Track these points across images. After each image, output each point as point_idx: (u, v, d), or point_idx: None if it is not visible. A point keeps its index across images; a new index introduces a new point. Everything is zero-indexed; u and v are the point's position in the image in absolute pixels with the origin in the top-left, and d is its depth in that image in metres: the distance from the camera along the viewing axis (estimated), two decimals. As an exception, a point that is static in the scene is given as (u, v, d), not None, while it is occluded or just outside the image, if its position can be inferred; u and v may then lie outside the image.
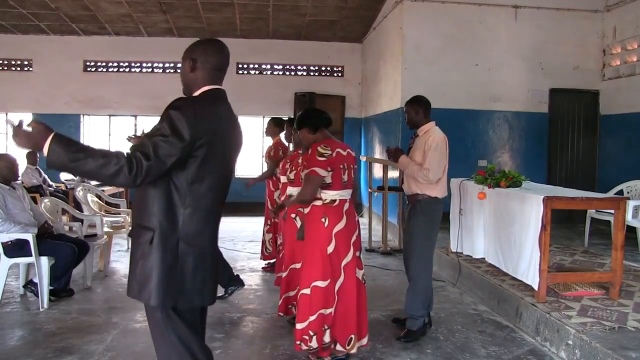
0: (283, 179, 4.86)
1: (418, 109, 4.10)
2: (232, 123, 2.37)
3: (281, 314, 4.32)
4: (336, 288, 3.43)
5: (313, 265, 3.41)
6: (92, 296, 5.20)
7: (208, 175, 2.26)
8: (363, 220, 9.33)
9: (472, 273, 5.41)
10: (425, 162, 3.94)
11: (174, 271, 2.21)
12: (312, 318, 3.40)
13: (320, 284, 3.39)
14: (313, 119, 3.58)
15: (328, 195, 3.46)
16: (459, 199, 5.41)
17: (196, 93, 2.35)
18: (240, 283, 5.16)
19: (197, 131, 2.16)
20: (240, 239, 8.40)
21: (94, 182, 7.78)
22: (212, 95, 2.33)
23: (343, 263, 3.45)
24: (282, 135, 6.13)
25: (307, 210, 3.52)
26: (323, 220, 3.43)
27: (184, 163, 2.19)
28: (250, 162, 11.66)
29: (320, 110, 3.67)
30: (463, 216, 5.42)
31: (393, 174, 8.32)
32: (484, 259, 5.38)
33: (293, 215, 4.17)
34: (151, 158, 2.08)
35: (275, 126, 6.12)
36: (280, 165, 5.06)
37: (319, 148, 3.42)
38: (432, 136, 3.99)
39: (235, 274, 5.22)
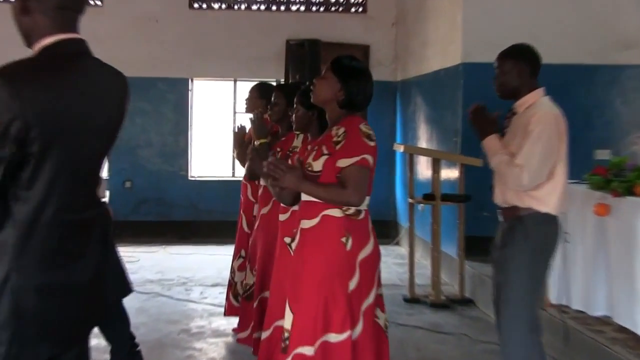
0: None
1: (521, 67, 4.24)
2: (96, 93, 2.57)
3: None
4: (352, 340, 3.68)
5: (321, 311, 3.62)
6: None
7: (51, 182, 2.47)
8: (397, 250, 9.86)
9: (588, 342, 5.44)
10: (519, 155, 4.07)
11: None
12: None
13: (335, 338, 3.62)
14: (358, 82, 3.82)
15: None
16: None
17: (35, 48, 2.50)
18: None
19: (18, 118, 2.32)
20: (197, 281, 8.71)
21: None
22: (57, 54, 2.47)
23: (364, 306, 3.68)
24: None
25: (310, 223, 3.75)
26: (344, 240, 3.65)
27: (17, 167, 2.41)
28: (212, 157, 12.57)
29: (355, 58, 3.94)
30: (569, 245, 5.63)
31: (449, 172, 8.32)
32: (608, 317, 5.57)
33: (287, 240, 4.35)
34: None
35: (259, 97, 6.35)
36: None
37: (362, 127, 3.69)
38: (538, 114, 4.13)
39: (137, 348, 5.09)
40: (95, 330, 4.54)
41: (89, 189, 2.70)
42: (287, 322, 3.79)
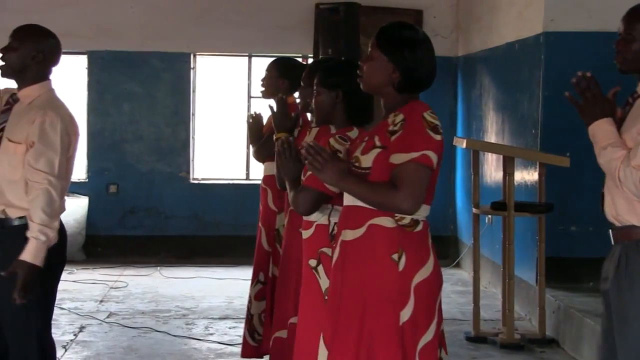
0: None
1: None
2: None
3: None
4: None
5: (365, 348, 3.68)
6: None
7: None
8: (458, 274, 9.47)
9: None
10: (637, 151, 3.97)
11: None
12: None
13: None
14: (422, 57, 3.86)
15: None
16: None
17: None
18: None
19: None
20: (201, 313, 8.69)
21: None
22: None
23: (421, 343, 3.70)
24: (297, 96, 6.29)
25: (354, 234, 3.80)
26: (395, 258, 3.68)
27: None
28: (219, 154, 12.32)
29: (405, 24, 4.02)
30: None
31: (526, 175, 8.25)
32: None
33: (313, 263, 4.39)
34: None
35: (282, 76, 6.35)
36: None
37: (427, 116, 3.74)
38: None
39: None
40: None
41: None
42: None
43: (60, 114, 4.44)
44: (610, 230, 4.22)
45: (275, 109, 5.57)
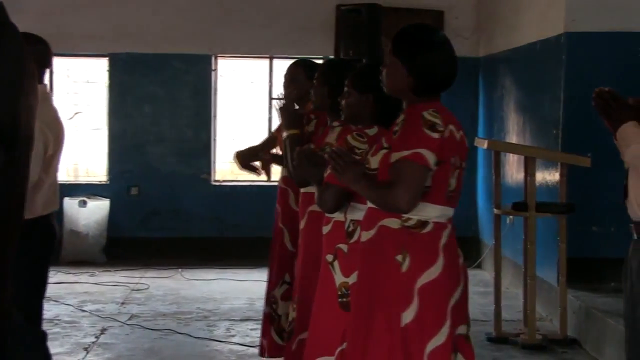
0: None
1: None
2: None
3: None
4: None
5: (360, 348, 3.74)
6: None
7: None
8: (479, 275, 10.02)
9: None
10: None
11: None
12: None
13: None
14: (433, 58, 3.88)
15: (416, 211, 3.74)
16: None
17: None
18: None
19: None
20: (222, 314, 8.72)
21: None
22: None
23: (429, 347, 3.68)
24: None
25: (367, 235, 3.86)
26: (399, 258, 3.71)
27: None
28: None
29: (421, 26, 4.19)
30: None
31: (548, 175, 8.27)
32: None
33: (330, 258, 4.44)
34: None
35: (307, 78, 6.27)
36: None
37: (426, 114, 3.73)
38: None
39: None
40: None
41: None
42: None
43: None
44: (631, 225, 4.30)
45: (282, 107, 5.62)
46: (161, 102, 11.40)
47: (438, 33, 4.01)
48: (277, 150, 6.53)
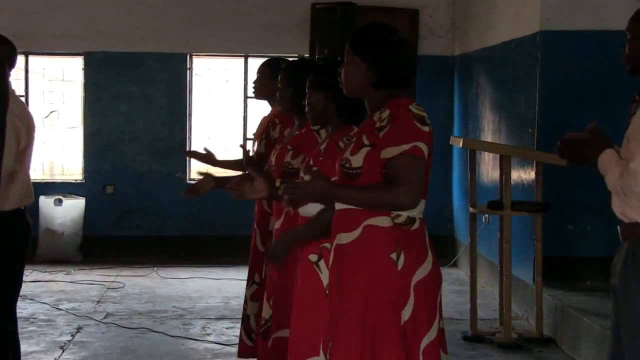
0: None
1: None
2: None
3: None
4: None
5: (368, 351, 3.68)
6: None
7: None
8: (454, 273, 10.07)
9: None
10: (632, 157, 4.00)
11: None
12: None
13: None
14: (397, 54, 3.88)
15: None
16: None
17: None
18: None
19: None
20: (198, 313, 8.75)
21: None
22: None
23: (424, 342, 3.70)
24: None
25: (349, 237, 3.79)
26: (394, 257, 3.69)
27: None
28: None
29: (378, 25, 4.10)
30: None
31: (523, 174, 8.50)
32: None
33: (313, 258, 4.41)
34: None
35: (274, 77, 6.25)
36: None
37: (413, 108, 3.76)
38: None
39: None
40: None
41: None
42: None
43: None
44: (618, 226, 4.23)
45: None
46: (136, 101, 11.37)
47: (395, 31, 4.00)
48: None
